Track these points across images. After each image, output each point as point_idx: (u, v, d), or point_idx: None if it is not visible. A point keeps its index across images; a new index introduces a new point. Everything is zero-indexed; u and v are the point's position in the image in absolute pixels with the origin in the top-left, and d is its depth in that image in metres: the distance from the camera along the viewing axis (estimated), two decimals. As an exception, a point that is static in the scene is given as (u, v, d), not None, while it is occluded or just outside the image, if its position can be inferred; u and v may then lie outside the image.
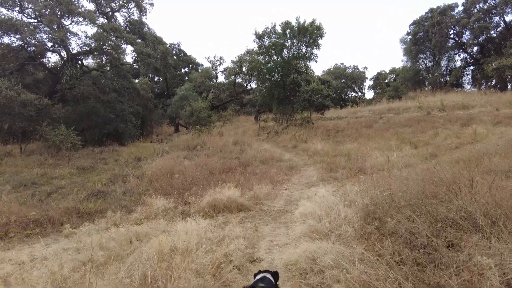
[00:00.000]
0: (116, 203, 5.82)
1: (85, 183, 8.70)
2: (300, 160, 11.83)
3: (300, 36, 19.86)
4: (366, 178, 6.97)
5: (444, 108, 18.15)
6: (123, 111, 20.27)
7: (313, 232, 3.51)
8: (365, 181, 6.99)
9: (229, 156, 11.80)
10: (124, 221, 4.62)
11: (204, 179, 7.27)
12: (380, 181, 4.95)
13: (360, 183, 6.87)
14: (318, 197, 4.64)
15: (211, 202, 4.95)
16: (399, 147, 10.67)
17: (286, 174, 8.87)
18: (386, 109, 21.83)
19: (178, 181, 7.29)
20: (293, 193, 6.60)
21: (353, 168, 8.63)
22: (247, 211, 5.08)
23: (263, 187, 6.33)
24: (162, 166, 8.54)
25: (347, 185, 5.11)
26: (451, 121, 14.69)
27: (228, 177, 7.52)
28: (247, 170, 8.74)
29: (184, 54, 35.14)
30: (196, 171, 8.15)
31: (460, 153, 9.38)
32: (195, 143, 14.72)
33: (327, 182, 7.44)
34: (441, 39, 28.57)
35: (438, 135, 12.08)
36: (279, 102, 20.80)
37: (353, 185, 6.24)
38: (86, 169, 13.00)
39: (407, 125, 15.45)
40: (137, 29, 19.54)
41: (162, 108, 32.65)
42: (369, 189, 4.39)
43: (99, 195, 6.92)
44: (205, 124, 17.25)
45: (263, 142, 17.17)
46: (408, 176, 5.17)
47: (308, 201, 4.81)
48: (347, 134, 15.86)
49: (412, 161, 8.99)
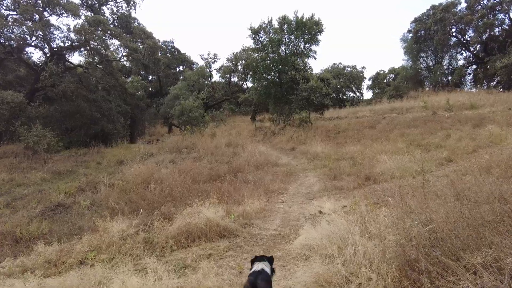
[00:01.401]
0: (67, 225, 4.63)
1: (50, 193, 7.51)
2: (299, 164, 10.70)
3: (298, 31, 18.74)
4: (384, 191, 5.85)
5: (451, 108, 17.14)
6: (110, 111, 19.02)
7: (322, 286, 2.38)
8: (382, 193, 5.86)
9: (220, 159, 10.64)
10: (63, 256, 3.44)
11: (185, 190, 6.11)
12: (405, 197, 3.84)
13: (374, 195, 5.75)
14: (325, 221, 3.50)
15: (184, 228, 3.79)
16: (408, 150, 9.58)
17: (283, 182, 7.73)
18: (388, 109, 20.81)
19: (153, 192, 6.12)
20: (292, 208, 5.46)
21: (360, 175, 7.52)
22: (233, 237, 3.93)
23: (254, 202, 5.18)
24: (139, 173, 7.36)
25: (361, 202, 3.97)
26: (460, 121, 13.65)
27: (215, 187, 6.37)
28: (238, 178, 7.59)
29: (178, 52, 33.87)
30: (178, 179, 6.98)
31: (480, 157, 8.32)
32: (184, 145, 13.55)
33: (332, 193, 6.31)
34: (444, 37, 27.62)
35: (450, 136, 11.01)
36: (276, 101, 19.66)
37: (365, 199, 5.13)
38: (62, 174, 11.77)
39: (413, 125, 14.39)
40: (125, 23, 18.32)
41: (155, 107, 31.44)
42: (394, 211, 3.26)
43: (57, 209, 5.73)
44: (197, 124, 16.06)
45: (258, 143, 16.04)
46: (441, 190, 4.06)
47: (311, 226, 3.67)
48: (349, 135, 14.76)
49: (426, 166, 7.91)
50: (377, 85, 40.94)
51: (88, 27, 14.16)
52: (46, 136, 12.40)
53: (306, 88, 17.07)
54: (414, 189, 6.25)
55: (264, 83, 20.07)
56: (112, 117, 19.12)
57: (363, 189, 6.46)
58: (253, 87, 22.36)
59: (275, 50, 19.43)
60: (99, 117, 18.32)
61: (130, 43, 16.01)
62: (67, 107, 17.46)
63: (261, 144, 15.99)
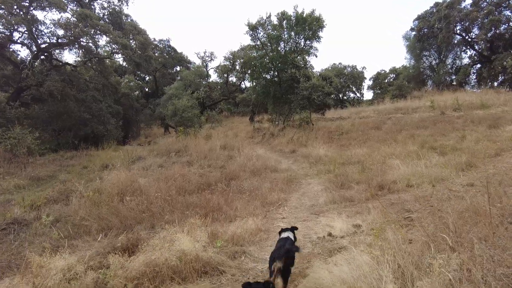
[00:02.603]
0: (5, 255, 3.65)
1: (15, 205, 6.52)
2: (300, 168, 9.74)
3: (298, 27, 17.81)
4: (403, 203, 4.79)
5: (460, 108, 16.21)
6: (100, 111, 18.04)
7: None
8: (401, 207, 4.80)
9: (214, 164, 9.68)
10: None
11: (167, 204, 5.14)
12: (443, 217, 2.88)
13: (392, 209, 4.71)
14: (343, 259, 2.54)
15: (150, 263, 2.81)
16: (421, 154, 8.63)
17: (283, 191, 6.76)
18: (393, 109, 19.87)
19: (130, 206, 5.16)
20: (294, 226, 4.50)
21: (371, 183, 6.55)
22: (217, 274, 2.96)
23: (249, 220, 4.21)
24: (117, 181, 6.38)
25: (386, 227, 3.00)
26: (473, 121, 12.72)
27: (203, 200, 5.41)
28: (232, 186, 6.62)
29: (175, 51, 32.90)
30: (162, 188, 6.01)
31: (505, 162, 7.38)
32: (176, 148, 12.57)
33: (341, 206, 5.35)
34: (448, 35, 26.74)
35: (466, 138, 10.06)
36: (275, 101, 18.70)
37: (382, 215, 4.19)
38: (42, 179, 10.77)
39: (422, 126, 13.45)
40: (116, 19, 17.37)
41: (151, 108, 30.47)
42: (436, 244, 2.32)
43: (10, 228, 4.75)
44: (191, 125, 15.07)
45: (256, 146, 15.08)
46: (482, 207, 3.10)
47: (323, 262, 2.71)
48: (353, 137, 13.80)
49: (445, 173, 6.96)
50: (378, 85, 40.06)
51: (74, 22, 13.18)
52: (25, 138, 11.39)
53: (307, 87, 16.12)
54: (440, 202, 5.30)
55: (263, 82, 19.13)
56: (102, 118, 18.14)
57: (378, 200, 5.50)
58: (251, 87, 21.42)
59: (274, 47, 18.51)
60: (88, 118, 17.35)
61: (119, 39, 15.04)
62: (54, 107, 16.48)
63: (259, 146, 15.04)
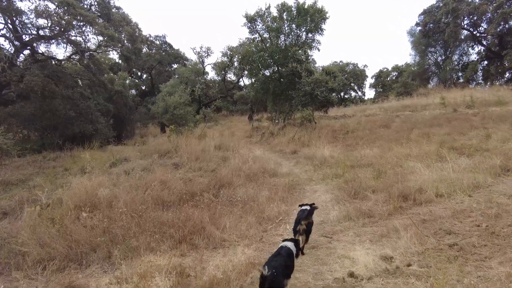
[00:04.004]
0: None
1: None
2: (303, 172, 8.56)
3: (299, 19, 16.62)
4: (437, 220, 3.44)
5: (473, 105, 15.06)
6: (88, 109, 16.84)
7: None
8: (437, 226, 3.43)
9: (205, 167, 8.51)
10: None
11: (135, 224, 3.96)
12: None
13: (425, 228, 3.40)
14: None
15: None
16: (444, 154, 7.46)
17: (284, 201, 5.60)
18: (400, 106, 18.72)
19: (87, 224, 3.99)
20: (301, 260, 3.32)
21: (391, 192, 5.38)
22: None
23: (237, 249, 3.04)
24: (80, 190, 5.21)
25: (431, 264, 1.82)
26: (492, 119, 11.58)
27: (182, 216, 4.24)
28: (222, 196, 5.45)
29: (170, 47, 31.66)
30: (136, 199, 4.85)
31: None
32: (165, 148, 11.39)
33: (358, 223, 4.19)
34: (456, 29, 25.54)
35: (490, 137, 8.90)
36: (274, 98, 17.52)
37: (417, 238, 3.03)
38: (11, 184, 9.56)
39: (435, 124, 12.29)
40: (104, 9, 16.16)
41: (146, 106, 29.30)
42: None
43: None
44: (183, 124, 13.88)
45: (254, 146, 13.91)
46: None
47: None
48: (360, 136, 12.62)
49: (478, 179, 5.80)
50: (380, 83, 38.87)
51: (55, 10, 12.00)
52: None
53: (309, 82, 14.92)
54: (488, 220, 4.12)
55: (262, 78, 17.95)
56: (90, 116, 16.94)
57: (405, 216, 4.33)
58: (250, 83, 20.24)
59: (273, 41, 17.33)
60: (74, 116, 16.15)
61: (105, 30, 13.85)
62: (37, 105, 15.30)
63: (257, 146, 13.86)
